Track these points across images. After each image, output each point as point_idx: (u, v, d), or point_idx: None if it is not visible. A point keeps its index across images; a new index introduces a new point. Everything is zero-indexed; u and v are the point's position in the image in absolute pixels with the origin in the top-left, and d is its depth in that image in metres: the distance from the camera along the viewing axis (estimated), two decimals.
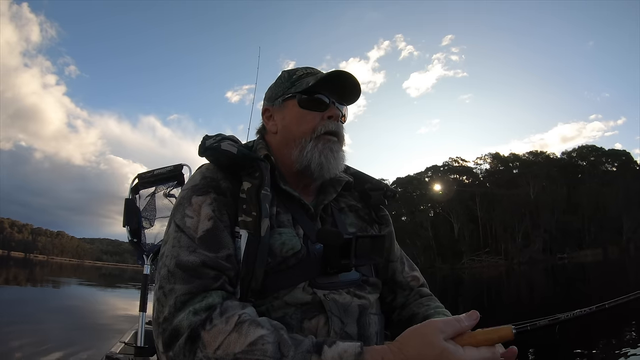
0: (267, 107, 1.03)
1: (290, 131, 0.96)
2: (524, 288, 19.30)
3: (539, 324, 0.65)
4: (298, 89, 0.96)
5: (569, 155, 72.35)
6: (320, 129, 0.94)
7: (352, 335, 0.84)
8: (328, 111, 0.96)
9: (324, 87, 0.96)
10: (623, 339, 5.60)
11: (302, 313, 0.81)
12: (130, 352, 2.30)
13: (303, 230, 0.90)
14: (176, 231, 0.81)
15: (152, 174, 2.61)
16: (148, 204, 2.70)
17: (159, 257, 0.83)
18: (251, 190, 0.84)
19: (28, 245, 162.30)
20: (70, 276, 31.26)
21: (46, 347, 5.18)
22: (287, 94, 0.98)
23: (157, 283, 0.76)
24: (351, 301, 0.87)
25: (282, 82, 1.01)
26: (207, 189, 0.85)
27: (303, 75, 0.98)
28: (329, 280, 0.87)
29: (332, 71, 0.95)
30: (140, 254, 2.50)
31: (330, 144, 0.95)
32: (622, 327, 6.18)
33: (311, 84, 0.95)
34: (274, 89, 1.03)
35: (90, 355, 4.40)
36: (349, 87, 0.98)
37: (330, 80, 0.95)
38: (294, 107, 0.96)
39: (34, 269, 40.15)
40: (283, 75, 1.03)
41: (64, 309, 9.82)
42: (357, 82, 0.96)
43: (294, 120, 0.96)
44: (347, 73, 0.94)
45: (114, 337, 2.61)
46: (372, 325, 0.89)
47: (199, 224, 0.80)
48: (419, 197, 73.90)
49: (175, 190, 2.65)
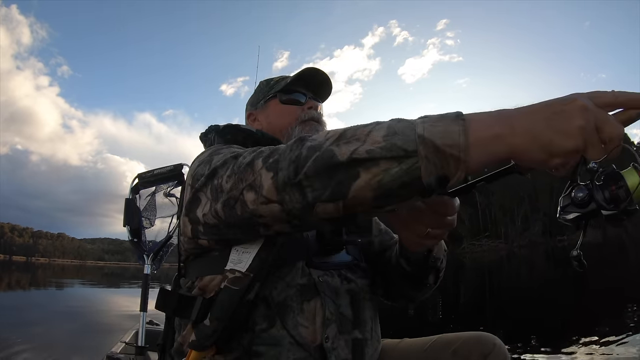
0: (251, 112, 1.13)
1: (275, 125, 1.05)
2: (524, 271, 19.48)
3: None
4: (277, 89, 1.08)
5: None
6: (304, 116, 1.04)
7: (347, 317, 0.85)
8: (307, 103, 1.07)
9: (300, 85, 1.07)
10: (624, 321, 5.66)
11: (301, 295, 0.81)
12: (131, 352, 2.31)
13: None
14: (221, 149, 0.80)
15: (152, 173, 2.61)
16: (148, 203, 2.71)
17: (195, 175, 0.79)
18: None
19: (29, 248, 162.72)
20: (73, 277, 31.40)
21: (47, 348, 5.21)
22: (268, 96, 1.09)
23: (222, 176, 0.71)
24: (340, 284, 0.88)
25: (262, 89, 1.13)
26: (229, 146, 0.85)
27: (280, 80, 1.10)
28: (322, 260, 0.88)
29: (306, 68, 1.06)
30: (141, 253, 2.51)
31: (314, 127, 1.03)
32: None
33: (289, 81, 1.06)
34: (255, 96, 1.14)
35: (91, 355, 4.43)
36: (322, 83, 1.09)
37: (305, 77, 1.06)
38: (276, 105, 1.07)
39: (36, 272, 40.28)
40: (262, 83, 1.15)
41: (65, 310, 9.87)
42: (329, 79, 1.08)
43: (277, 115, 1.06)
44: (320, 70, 1.06)
45: (115, 337, 2.62)
46: (367, 310, 0.91)
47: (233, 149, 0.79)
48: None
49: (175, 189, 2.66)
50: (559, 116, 0.51)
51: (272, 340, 0.77)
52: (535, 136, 0.51)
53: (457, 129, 0.53)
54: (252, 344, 0.77)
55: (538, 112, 0.52)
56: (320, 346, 0.79)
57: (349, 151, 0.56)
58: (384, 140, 0.55)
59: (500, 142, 0.52)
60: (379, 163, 0.55)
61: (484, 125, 0.53)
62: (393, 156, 0.54)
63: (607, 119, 0.52)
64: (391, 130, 0.56)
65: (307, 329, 0.79)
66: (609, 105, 0.53)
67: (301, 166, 0.59)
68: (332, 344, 0.81)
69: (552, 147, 0.51)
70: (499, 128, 0.53)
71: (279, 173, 0.61)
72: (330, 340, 0.81)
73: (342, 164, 0.56)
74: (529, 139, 0.51)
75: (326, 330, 0.80)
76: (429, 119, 0.56)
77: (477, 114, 0.55)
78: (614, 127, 0.51)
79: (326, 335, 0.80)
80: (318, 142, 0.60)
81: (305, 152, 0.60)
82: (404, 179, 0.54)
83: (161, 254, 2.48)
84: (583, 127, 0.50)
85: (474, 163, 0.53)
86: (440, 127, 0.54)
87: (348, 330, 0.85)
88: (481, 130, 0.53)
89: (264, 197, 0.63)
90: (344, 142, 0.58)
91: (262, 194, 0.63)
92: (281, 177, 0.61)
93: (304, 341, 0.78)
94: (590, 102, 0.52)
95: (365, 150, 0.55)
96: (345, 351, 0.83)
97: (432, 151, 0.53)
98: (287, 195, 0.61)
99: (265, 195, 0.63)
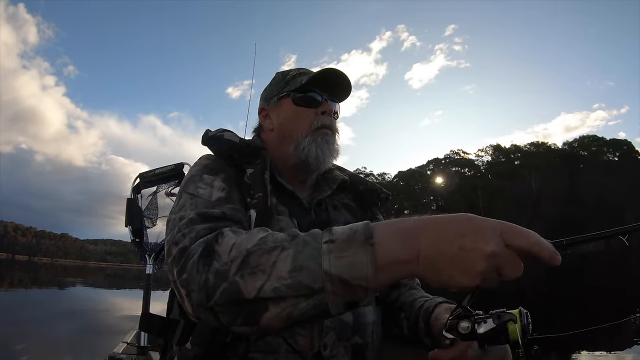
0: (263, 107, 1.07)
1: (286, 128, 1.00)
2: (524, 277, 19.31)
3: (573, 240, 0.67)
4: (292, 87, 1.01)
5: (571, 145, 72.27)
6: (316, 123, 0.98)
7: (347, 323, 0.85)
8: (321, 107, 1.00)
9: (316, 85, 1.00)
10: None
11: None
12: (132, 352, 2.30)
13: (297, 222, 0.91)
14: (191, 198, 0.81)
15: (154, 173, 2.60)
16: (150, 203, 2.70)
17: (169, 220, 0.81)
18: (255, 174, 0.87)
19: (32, 248, 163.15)
20: (75, 277, 31.42)
21: (49, 348, 5.21)
22: (281, 93, 1.02)
23: (173, 231, 0.74)
24: None
25: (277, 83, 1.06)
26: (217, 171, 0.87)
27: (296, 75, 1.03)
28: None
29: (323, 69, 1.00)
30: (143, 253, 2.50)
31: (326, 137, 0.99)
32: None
33: (304, 82, 0.99)
34: (269, 90, 1.08)
35: (92, 355, 4.42)
36: (340, 85, 1.02)
37: (322, 78, 1.00)
38: (288, 105, 1.01)
39: (38, 272, 40.32)
40: (277, 76, 1.08)
41: (66, 310, 9.86)
42: (347, 79, 1.01)
43: (289, 117, 1.00)
44: (338, 71, 0.99)
45: (116, 338, 2.61)
46: (368, 315, 0.90)
47: (212, 193, 0.81)
48: (421, 191, 73.95)
49: (177, 189, 2.64)
50: (465, 256, 0.53)
51: (268, 348, 0.77)
52: (438, 271, 0.54)
53: (365, 260, 0.55)
54: (248, 352, 0.77)
55: (447, 244, 0.54)
56: (319, 353, 0.79)
57: (255, 288, 0.58)
58: (290, 277, 0.57)
59: (405, 269, 0.56)
60: (286, 299, 0.57)
61: (392, 251, 0.56)
62: (300, 294, 0.56)
63: (510, 263, 0.54)
64: (297, 264, 0.57)
65: (305, 337, 0.79)
66: (521, 250, 0.54)
67: (211, 294, 0.61)
68: (330, 351, 0.81)
69: (450, 282, 0.54)
70: (406, 255, 0.55)
71: (191, 295, 0.63)
72: (329, 348, 0.80)
73: (249, 300, 0.58)
74: (431, 272, 0.55)
75: (324, 338, 0.80)
76: (336, 246, 0.57)
77: (385, 234, 0.57)
78: (514, 271, 0.54)
79: (324, 343, 0.80)
80: (224, 267, 0.61)
81: (212, 279, 0.61)
82: (312, 312, 0.58)
83: (163, 254, 2.47)
84: (484, 272, 0.53)
85: (379, 285, 0.56)
86: (347, 258, 0.56)
87: (347, 337, 0.84)
88: (389, 256, 0.56)
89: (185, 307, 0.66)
90: (248, 272, 0.59)
91: (183, 303, 0.66)
92: (194, 299, 0.63)
93: (301, 349, 0.78)
94: (501, 242, 0.53)
95: (271, 289, 0.57)
96: (345, 357, 0.83)
97: (339, 286, 0.56)
98: (202, 315, 0.63)
99: (185, 306, 0.66)
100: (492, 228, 0.54)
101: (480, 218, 0.55)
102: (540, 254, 0.54)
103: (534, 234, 0.54)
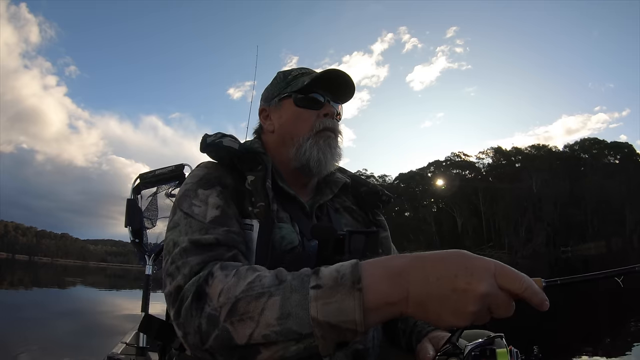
0: (264, 107, 1.05)
1: (287, 130, 0.98)
2: None
3: (568, 280, 0.66)
4: (293, 88, 0.98)
5: (572, 148, 72.28)
6: (319, 125, 0.96)
7: None
8: (323, 109, 0.97)
9: (319, 86, 0.97)
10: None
11: None
12: (131, 352, 2.30)
13: (299, 227, 0.91)
14: (185, 217, 0.80)
15: (154, 174, 2.60)
16: (150, 204, 2.70)
17: (165, 243, 0.82)
18: (256, 181, 0.86)
19: (32, 248, 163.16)
20: (75, 277, 31.42)
21: (48, 348, 5.21)
22: (283, 94, 0.99)
23: (168, 261, 0.76)
24: None
25: (278, 83, 1.03)
26: (212, 183, 0.86)
27: (298, 75, 1.00)
28: None
29: (326, 70, 0.97)
30: (142, 254, 2.50)
31: (329, 140, 0.97)
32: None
33: (306, 83, 0.96)
34: (270, 90, 1.04)
35: (91, 356, 4.42)
36: (343, 86, 0.99)
37: (325, 79, 0.96)
38: (290, 106, 0.98)
39: (38, 271, 40.33)
40: (279, 75, 1.04)
41: (66, 310, 9.86)
42: (351, 81, 0.97)
43: (290, 118, 0.97)
44: (341, 72, 0.96)
45: (115, 338, 2.61)
46: None
47: (207, 212, 0.80)
48: (422, 193, 73.90)
49: (176, 190, 2.64)
50: (457, 297, 0.53)
51: None
52: (426, 310, 0.55)
53: (353, 305, 0.55)
54: None
55: (437, 284, 0.54)
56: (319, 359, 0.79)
57: (245, 335, 0.59)
58: (278, 324, 0.58)
59: (394, 309, 0.56)
60: (277, 343, 0.58)
61: (380, 293, 0.56)
62: (290, 339, 0.57)
63: (501, 303, 0.54)
64: (284, 311, 0.58)
65: None
66: (511, 293, 0.54)
67: (205, 339, 0.63)
68: (331, 357, 0.80)
69: (440, 322, 0.55)
70: (395, 296, 0.56)
71: (187, 337, 0.65)
72: (328, 357, 0.80)
73: (241, 346, 0.60)
74: (420, 312, 0.55)
75: None
76: (324, 292, 0.57)
77: (374, 276, 0.57)
78: (506, 311, 0.54)
79: None
80: (214, 313, 0.62)
81: (204, 325, 0.63)
82: (303, 353, 0.59)
83: (163, 254, 2.47)
84: (475, 313, 0.53)
85: (368, 326, 0.57)
86: (335, 304, 0.56)
87: None
88: (377, 299, 0.56)
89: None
90: (237, 319, 0.60)
91: (183, 342, 0.68)
92: (190, 341, 0.65)
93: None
94: (494, 283, 0.53)
95: (261, 336, 0.58)
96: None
97: (327, 330, 0.56)
98: (200, 355, 0.65)
99: (184, 345, 0.68)
100: (486, 268, 0.54)
101: (474, 256, 0.55)
102: (531, 300, 0.54)
103: (527, 279, 0.55)
